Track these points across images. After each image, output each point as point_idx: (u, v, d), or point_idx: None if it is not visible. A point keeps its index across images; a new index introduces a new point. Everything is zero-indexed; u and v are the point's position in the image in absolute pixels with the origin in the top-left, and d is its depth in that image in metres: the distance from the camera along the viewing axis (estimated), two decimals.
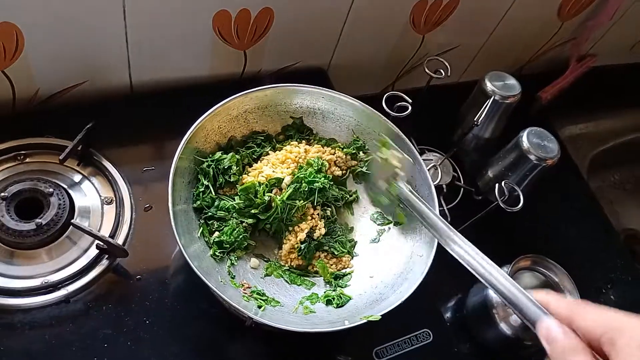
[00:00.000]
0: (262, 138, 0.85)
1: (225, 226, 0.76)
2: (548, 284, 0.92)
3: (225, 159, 0.79)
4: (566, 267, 0.92)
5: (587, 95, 1.34)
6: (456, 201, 1.09)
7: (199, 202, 0.77)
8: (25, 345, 0.70)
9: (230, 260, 0.75)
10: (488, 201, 1.08)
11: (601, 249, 1.14)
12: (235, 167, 0.79)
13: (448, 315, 0.98)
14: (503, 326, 0.89)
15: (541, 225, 1.11)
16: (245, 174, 0.80)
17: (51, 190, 0.77)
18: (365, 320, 0.66)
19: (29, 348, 0.70)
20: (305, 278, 0.78)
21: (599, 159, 1.38)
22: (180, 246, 0.66)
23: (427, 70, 0.99)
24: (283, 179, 0.77)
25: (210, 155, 0.80)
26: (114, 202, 0.82)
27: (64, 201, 0.77)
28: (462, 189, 1.10)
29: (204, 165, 0.79)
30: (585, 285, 0.95)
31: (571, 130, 1.37)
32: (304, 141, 0.86)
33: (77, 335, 0.72)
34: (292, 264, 0.79)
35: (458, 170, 1.13)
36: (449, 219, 1.01)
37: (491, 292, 0.91)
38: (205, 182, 0.78)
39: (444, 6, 1.03)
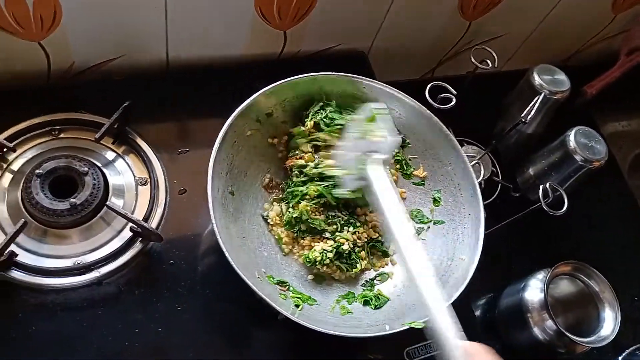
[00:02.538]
0: None
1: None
2: (586, 293, 0.89)
3: None
4: (602, 271, 0.90)
5: (633, 91, 1.28)
6: (493, 197, 1.05)
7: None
8: (57, 326, 0.70)
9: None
10: (526, 198, 1.05)
11: (638, 252, 1.10)
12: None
13: (478, 313, 0.96)
14: (536, 331, 0.87)
15: (579, 227, 1.08)
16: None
17: (86, 169, 0.75)
18: (407, 327, 0.64)
19: (60, 329, 0.70)
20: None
21: (639, 158, 1.33)
22: (220, 240, 0.64)
23: (473, 59, 0.95)
24: None
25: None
26: (149, 183, 0.80)
27: (98, 181, 0.76)
28: (499, 184, 1.07)
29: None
30: (622, 292, 0.92)
31: (614, 127, 1.31)
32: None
33: (108, 318, 0.71)
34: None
35: (497, 165, 1.09)
36: (485, 216, 0.98)
37: (527, 295, 0.89)
38: None
39: None
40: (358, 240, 0.77)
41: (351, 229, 0.77)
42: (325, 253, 0.74)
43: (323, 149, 0.80)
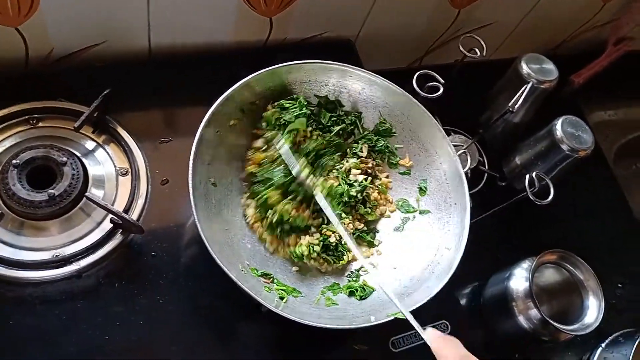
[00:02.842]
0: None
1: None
2: (571, 281, 0.89)
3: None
4: (587, 259, 0.90)
5: (620, 80, 1.28)
6: (479, 187, 1.05)
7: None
8: (35, 320, 0.68)
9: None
10: (512, 187, 1.05)
11: (623, 241, 1.11)
12: None
13: (463, 302, 0.96)
14: (521, 319, 0.88)
15: (564, 216, 1.08)
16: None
17: (65, 159, 0.73)
18: (392, 317, 0.64)
19: (38, 323, 0.68)
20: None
21: (625, 148, 1.33)
22: (202, 233, 0.63)
23: (461, 48, 0.94)
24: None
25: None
26: (130, 173, 0.79)
27: (77, 171, 0.74)
28: (485, 174, 1.06)
29: None
30: (607, 280, 0.93)
31: (600, 116, 1.31)
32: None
33: (88, 311, 0.70)
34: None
35: (483, 154, 1.09)
36: (471, 205, 0.98)
37: (512, 284, 0.89)
38: None
39: None
40: None
41: None
42: (312, 247, 0.73)
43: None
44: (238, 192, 0.77)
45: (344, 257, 0.75)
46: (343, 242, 0.76)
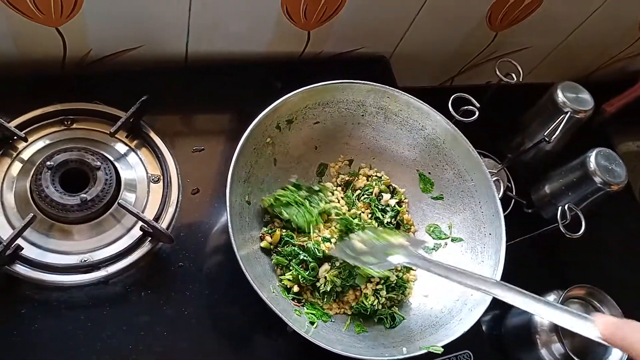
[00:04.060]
0: None
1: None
2: None
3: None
4: (612, 294, 0.88)
5: None
6: (505, 213, 1.03)
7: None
8: (61, 325, 0.67)
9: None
10: (539, 216, 1.03)
11: None
12: None
13: (484, 328, 0.94)
14: (544, 353, 0.86)
15: (591, 248, 1.05)
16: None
17: (98, 164, 0.73)
18: (425, 351, 0.62)
19: (63, 328, 0.67)
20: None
21: None
22: (237, 254, 0.62)
23: (498, 72, 0.93)
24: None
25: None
26: (161, 180, 0.78)
27: (110, 176, 0.73)
28: (513, 200, 1.05)
29: None
30: (632, 317, 0.91)
31: (628, 147, 1.30)
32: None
33: (113, 319, 0.69)
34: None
35: (511, 179, 1.07)
36: None
37: (537, 316, 0.87)
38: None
39: (526, 5, 0.96)
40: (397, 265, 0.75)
41: None
42: (379, 293, 0.71)
43: None
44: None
45: (407, 289, 0.74)
46: (402, 276, 0.74)
